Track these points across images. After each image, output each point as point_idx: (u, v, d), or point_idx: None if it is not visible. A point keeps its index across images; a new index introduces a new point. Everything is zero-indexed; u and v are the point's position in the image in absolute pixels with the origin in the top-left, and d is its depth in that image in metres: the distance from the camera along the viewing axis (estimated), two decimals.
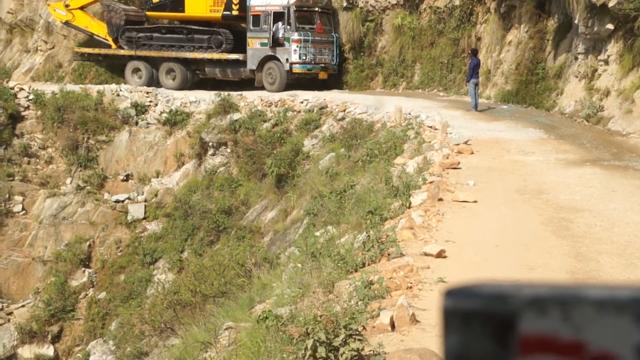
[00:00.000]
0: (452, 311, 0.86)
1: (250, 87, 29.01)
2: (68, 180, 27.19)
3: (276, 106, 26.13)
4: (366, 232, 10.32)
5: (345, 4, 30.60)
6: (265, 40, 28.72)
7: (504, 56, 25.97)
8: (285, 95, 27.02)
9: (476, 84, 23.23)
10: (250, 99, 27.05)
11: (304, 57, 28.45)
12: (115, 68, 33.77)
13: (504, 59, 25.87)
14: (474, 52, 23.97)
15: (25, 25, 37.61)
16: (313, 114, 24.86)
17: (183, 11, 30.83)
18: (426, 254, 9.26)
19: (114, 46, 32.13)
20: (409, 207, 11.78)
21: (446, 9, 28.30)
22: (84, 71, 35.11)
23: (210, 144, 26.33)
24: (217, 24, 30.92)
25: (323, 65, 29.11)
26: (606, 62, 20.62)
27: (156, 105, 28.34)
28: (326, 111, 24.88)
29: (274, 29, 28.62)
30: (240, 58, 29.52)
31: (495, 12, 26.72)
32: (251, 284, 14.01)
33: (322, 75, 29.10)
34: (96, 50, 32.75)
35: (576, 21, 21.42)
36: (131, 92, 29.10)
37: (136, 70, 31.30)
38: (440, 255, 9.25)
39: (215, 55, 29.98)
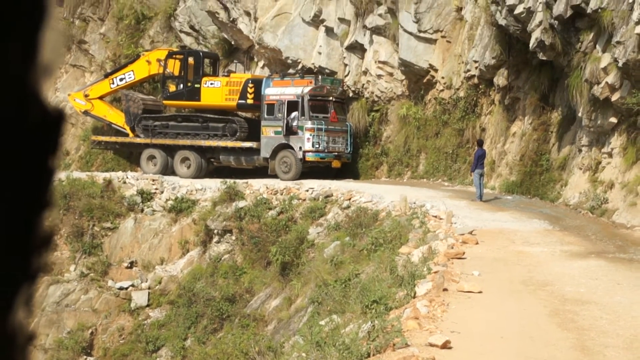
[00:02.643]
0: None
1: (264, 175, 29.20)
2: (72, 267, 27.16)
3: (282, 194, 26.26)
4: (371, 322, 10.26)
5: (351, 94, 31.07)
6: (279, 129, 29.07)
7: (508, 147, 26.20)
8: (290, 183, 27.20)
9: (481, 175, 23.35)
10: (255, 186, 27.21)
11: (317, 146, 28.74)
12: (129, 155, 34.19)
13: (509, 150, 26.08)
14: (480, 143, 24.16)
15: None
16: (318, 202, 24.96)
17: (199, 100, 31.40)
18: (431, 345, 9.18)
19: (131, 135, 32.62)
20: (414, 297, 11.72)
21: (451, 100, 28.68)
22: (91, 159, 35.52)
23: (216, 231, 26.38)
24: (232, 112, 31.43)
25: (336, 153, 29.36)
26: (610, 155, 20.77)
27: (162, 192, 28.53)
28: (331, 199, 24.98)
29: (288, 118, 29.00)
30: (254, 146, 29.84)
31: (499, 103, 27.07)
32: None
33: (336, 164, 29.33)
34: (113, 139, 33.30)
35: (580, 114, 21.67)
36: (137, 179, 29.33)
37: (151, 158, 31.69)
38: (446, 346, 9.17)
39: (230, 143, 30.36)
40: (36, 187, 0.91)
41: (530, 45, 22.62)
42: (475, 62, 27.23)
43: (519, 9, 22.99)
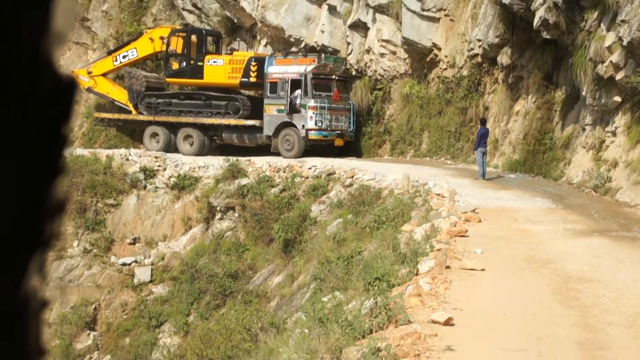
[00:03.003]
0: None
1: (267, 153, 29.21)
2: (75, 243, 27.23)
3: (284, 172, 26.28)
4: (374, 299, 10.29)
5: (354, 73, 30.99)
6: (282, 107, 29.06)
7: (511, 126, 26.17)
8: (293, 161, 27.22)
9: (484, 153, 23.33)
10: (258, 164, 27.23)
11: (320, 124, 28.72)
12: (132, 132, 34.21)
13: (512, 129, 26.05)
14: (483, 122, 24.13)
15: None
16: (321, 180, 24.97)
17: (202, 78, 31.35)
18: (434, 322, 9.23)
19: (134, 112, 32.62)
20: (417, 274, 11.77)
21: (454, 78, 28.61)
22: (94, 135, 35.53)
23: (218, 208, 26.42)
24: (234, 90, 31.40)
25: (339, 132, 29.35)
26: (614, 134, 20.75)
27: (165, 169, 28.55)
28: (334, 177, 24.99)
29: (291, 96, 28.97)
30: (257, 124, 29.83)
31: (503, 82, 27.00)
32: (258, 349, 13.93)
33: (338, 142, 29.34)
34: (116, 116, 33.32)
35: (584, 93, 21.63)
36: (140, 156, 29.35)
37: (154, 135, 31.70)
38: (448, 323, 9.21)
39: (233, 121, 30.35)
40: (49, 154, 0.91)
41: (534, 23, 22.54)
42: (479, 40, 27.15)
43: None
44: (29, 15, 0.85)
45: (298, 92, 29.08)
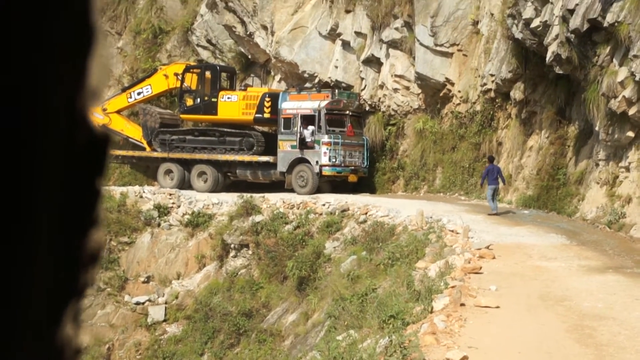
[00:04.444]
0: None
1: (281, 189, 29.21)
2: None
3: (298, 208, 26.28)
4: (388, 337, 10.26)
5: (367, 108, 31.10)
6: (295, 143, 29.10)
7: (525, 161, 26.13)
8: (307, 197, 27.23)
9: (495, 189, 23.33)
10: (272, 201, 27.25)
11: (334, 160, 28.75)
12: (146, 169, 34.33)
13: (525, 164, 26.02)
14: (490, 159, 24.30)
15: None
16: (335, 217, 24.95)
17: (216, 114, 31.51)
18: None
19: (148, 149, 32.75)
20: (431, 312, 11.71)
21: (467, 114, 28.66)
22: (108, 173, 35.65)
23: (232, 245, 26.41)
24: (248, 126, 31.53)
25: (353, 168, 29.37)
26: (627, 169, 20.68)
27: (179, 206, 28.60)
28: (348, 214, 24.98)
29: (303, 132, 29.04)
30: (271, 160, 29.89)
31: (516, 117, 27.03)
32: None
33: (352, 178, 29.34)
34: (130, 153, 33.45)
35: (597, 128, 21.60)
36: (154, 194, 29.42)
37: (168, 172, 31.81)
38: None
39: (247, 158, 30.43)
40: (85, 206, 0.94)
41: (547, 58, 22.60)
42: (492, 75, 27.22)
43: (535, 23, 22.99)
44: (66, 72, 0.89)
45: (310, 127, 29.17)
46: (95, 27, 0.91)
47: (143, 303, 26.52)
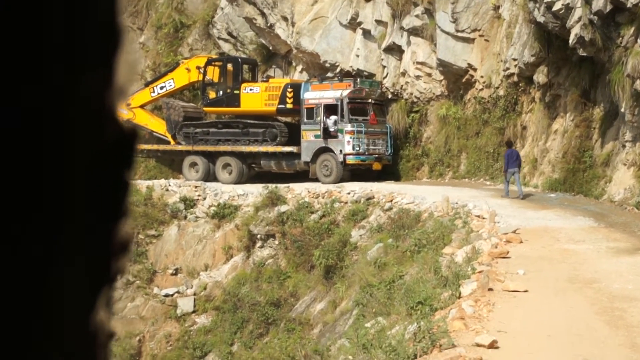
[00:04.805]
0: None
1: (305, 179, 29.26)
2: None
3: (323, 197, 26.32)
4: (417, 323, 10.27)
5: (390, 96, 31.05)
6: (319, 133, 29.15)
7: (550, 145, 26.00)
8: (332, 186, 27.26)
9: (513, 173, 23.34)
10: (297, 190, 27.31)
11: (358, 149, 28.76)
12: (171, 163, 34.51)
13: (551, 148, 25.88)
14: (509, 144, 24.46)
15: None
16: (360, 205, 24.97)
17: (239, 106, 31.58)
18: (478, 345, 9.16)
19: (172, 142, 32.93)
20: (459, 297, 11.71)
21: (491, 99, 28.53)
22: (135, 167, 35.90)
23: (259, 236, 26.51)
24: (271, 117, 31.60)
25: (377, 156, 29.37)
26: None
27: (204, 199, 28.73)
28: (373, 202, 24.98)
29: (326, 121, 29.08)
30: (295, 150, 29.94)
31: (540, 101, 26.87)
32: None
33: (376, 166, 29.34)
34: (155, 147, 33.64)
35: (622, 109, 21.45)
36: (180, 186, 29.58)
37: (193, 165, 31.96)
38: (493, 346, 9.15)
39: (270, 148, 30.49)
40: (115, 199, 0.99)
41: (570, 41, 22.44)
42: (514, 60, 27.07)
43: (557, 6, 22.81)
44: (96, 71, 0.93)
45: (333, 117, 29.18)
46: (122, 26, 0.95)
47: (172, 295, 26.72)
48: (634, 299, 11.49)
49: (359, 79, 30.16)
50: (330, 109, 29.30)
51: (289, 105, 30.40)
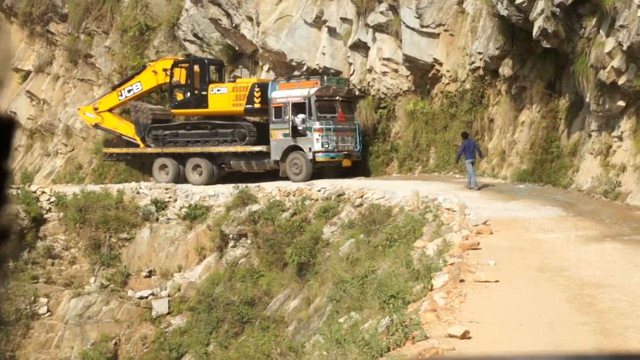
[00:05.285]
0: None
1: (276, 178, 29.29)
2: (92, 280, 27.36)
3: (294, 196, 26.37)
4: (389, 317, 10.34)
5: (357, 93, 31.13)
6: (288, 131, 29.19)
7: (517, 136, 26.23)
8: (302, 184, 27.33)
9: (472, 163, 24.04)
10: (268, 189, 27.33)
11: (327, 146, 28.82)
12: (141, 166, 34.38)
13: (518, 139, 26.12)
14: (464, 135, 25.18)
15: (45, 130, 38.45)
16: (331, 202, 25.06)
17: (207, 107, 31.53)
18: (451, 336, 9.25)
19: (142, 145, 32.81)
20: (431, 290, 11.80)
21: (457, 92, 28.72)
22: (104, 171, 35.73)
23: (231, 236, 26.51)
24: (240, 117, 31.58)
25: (346, 152, 29.46)
26: (620, 139, 20.79)
27: (175, 200, 28.68)
28: (344, 198, 25.07)
29: (295, 120, 29.11)
30: (264, 149, 29.95)
31: (506, 94, 27.10)
32: None
33: (346, 163, 29.43)
34: (124, 150, 33.56)
35: (587, 99, 21.70)
36: (151, 189, 29.49)
37: (163, 167, 31.87)
38: (465, 336, 9.24)
39: (240, 148, 30.49)
40: None
41: (534, 34, 22.65)
42: (480, 53, 27.28)
43: None
44: None
45: (301, 115, 29.22)
46: None
47: (146, 297, 26.66)
48: (603, 286, 11.66)
49: (325, 77, 30.21)
50: (298, 108, 29.34)
51: (257, 105, 30.40)
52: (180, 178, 31.38)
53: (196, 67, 32.23)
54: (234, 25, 33.24)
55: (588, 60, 20.72)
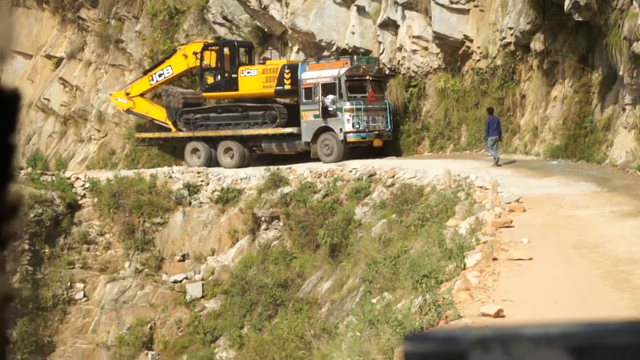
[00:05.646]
0: (412, 354, 0.97)
1: (307, 159, 29.27)
2: (126, 264, 27.58)
3: (325, 177, 26.34)
4: (422, 296, 10.29)
5: (387, 72, 30.96)
6: (318, 112, 29.14)
7: (550, 112, 25.94)
8: (334, 165, 27.27)
9: (495, 141, 23.80)
10: (299, 171, 27.32)
11: (358, 126, 28.73)
12: (173, 150, 34.55)
13: (551, 115, 25.83)
14: (490, 111, 24.98)
15: (78, 116, 38.72)
16: (362, 182, 24.99)
17: (237, 90, 31.55)
18: (484, 315, 9.19)
19: (173, 129, 32.94)
20: (464, 269, 11.72)
21: (488, 69, 28.44)
22: (137, 156, 35.93)
23: (263, 218, 26.56)
24: (270, 99, 31.58)
25: (377, 132, 29.35)
26: None
27: (208, 184, 28.78)
28: (375, 178, 24.99)
29: (325, 100, 29.04)
30: (295, 131, 29.93)
31: (538, 69, 26.78)
32: (312, 356, 13.99)
33: (377, 143, 29.32)
34: (156, 135, 33.72)
35: (621, 72, 21.38)
36: (183, 173, 29.62)
37: (195, 151, 31.97)
38: (499, 314, 9.17)
39: (271, 131, 30.48)
40: (0, 162, 0.97)
41: (565, 7, 22.33)
42: (510, 29, 26.97)
43: None
44: None
45: (331, 96, 29.12)
46: None
47: (180, 281, 26.86)
48: (639, 261, 11.51)
49: (355, 57, 30.06)
50: (329, 88, 29.25)
51: (287, 87, 30.36)
52: (212, 161, 31.46)
53: (226, 50, 32.23)
54: (262, 6, 33.17)
55: (621, 33, 20.39)
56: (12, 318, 0.98)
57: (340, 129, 28.82)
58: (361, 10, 31.34)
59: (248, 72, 31.36)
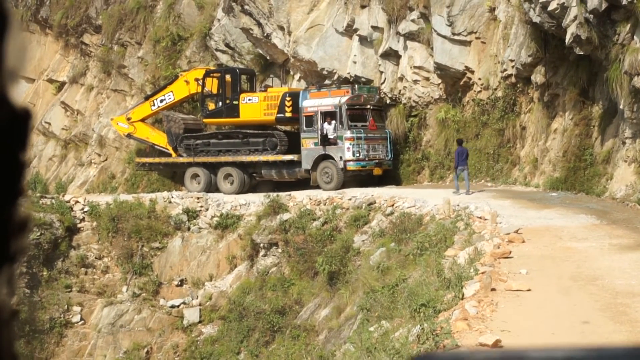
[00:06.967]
0: None
1: (306, 187, 29.31)
2: (124, 289, 27.53)
3: (325, 204, 26.36)
4: (420, 325, 10.28)
5: (388, 101, 31.09)
6: (318, 140, 29.24)
7: (550, 144, 26.02)
8: (333, 193, 27.31)
9: (463, 170, 24.42)
10: (299, 198, 27.35)
11: (358, 155, 28.81)
12: (173, 175, 34.62)
13: (551, 147, 25.91)
14: (459, 142, 25.33)
15: (79, 140, 38.84)
16: (362, 211, 25.01)
17: (238, 116, 31.68)
18: (482, 345, 9.17)
19: (174, 154, 33.03)
20: (462, 298, 11.71)
21: (489, 100, 28.57)
22: (136, 181, 35.99)
23: (262, 245, 26.56)
24: (271, 126, 31.68)
25: (377, 161, 29.41)
26: None
27: (207, 209, 28.79)
28: (374, 207, 25.01)
29: (325, 128, 29.14)
30: (295, 159, 30.00)
31: (538, 101, 26.90)
32: None
33: (377, 172, 29.37)
34: (156, 160, 33.81)
35: (621, 106, 21.47)
36: (182, 198, 29.64)
37: (195, 176, 32.04)
38: (496, 345, 9.15)
39: (271, 157, 30.56)
40: (10, 178, 1.00)
41: (566, 40, 22.47)
42: (512, 61, 27.13)
43: (552, 5, 22.86)
44: None
45: (331, 124, 29.20)
46: (8, 11, 0.96)
47: (178, 306, 26.80)
48: (638, 294, 11.50)
49: (356, 85, 30.20)
50: (330, 116, 29.35)
51: (288, 114, 30.48)
52: (211, 187, 31.52)
53: (228, 77, 32.38)
54: (265, 34, 33.36)
55: (622, 67, 20.51)
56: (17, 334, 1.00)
57: (341, 157, 28.89)
58: (363, 40, 31.53)
59: (249, 99, 31.49)
